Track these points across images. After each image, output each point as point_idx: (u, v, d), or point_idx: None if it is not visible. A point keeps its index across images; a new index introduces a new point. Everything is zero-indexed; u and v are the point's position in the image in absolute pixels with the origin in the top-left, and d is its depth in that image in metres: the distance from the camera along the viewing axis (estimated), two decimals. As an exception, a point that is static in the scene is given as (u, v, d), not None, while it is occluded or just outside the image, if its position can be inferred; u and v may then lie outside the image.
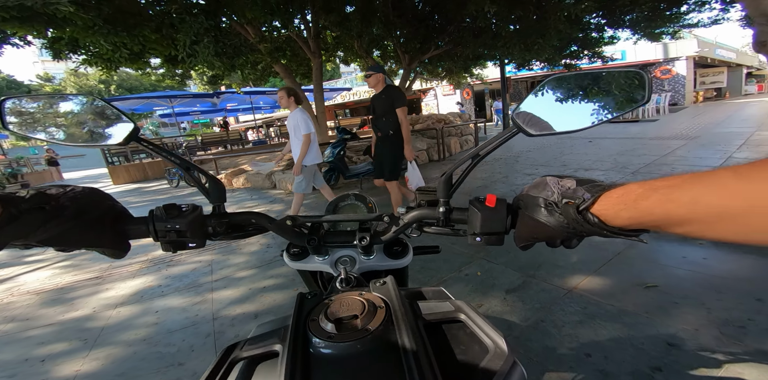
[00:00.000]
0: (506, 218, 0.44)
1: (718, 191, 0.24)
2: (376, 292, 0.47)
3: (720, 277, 1.82)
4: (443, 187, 0.50)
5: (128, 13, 3.59)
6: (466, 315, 0.44)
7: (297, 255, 0.62)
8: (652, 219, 0.29)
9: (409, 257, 0.63)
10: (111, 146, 0.48)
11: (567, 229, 0.36)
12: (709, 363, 1.25)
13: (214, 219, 0.51)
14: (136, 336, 1.91)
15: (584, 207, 0.34)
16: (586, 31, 7.45)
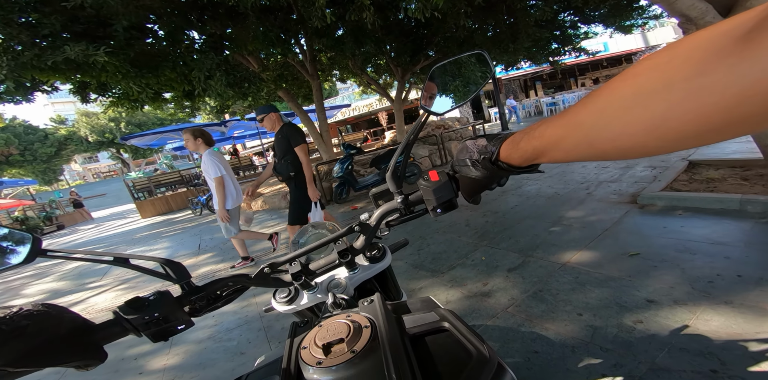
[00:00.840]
0: (451, 185, 0.49)
1: (552, 124, 0.31)
2: (364, 312, 0.48)
3: (694, 241, 1.98)
4: (392, 181, 0.53)
5: (148, 54, 3.84)
6: (451, 323, 0.45)
7: (288, 299, 0.60)
8: (529, 154, 0.35)
9: (389, 256, 0.66)
10: (13, 268, 0.39)
11: (491, 177, 0.43)
12: (682, 313, 1.42)
13: (189, 297, 0.48)
14: (203, 335, 2.21)
15: (494, 158, 0.41)
16: (562, 29, 7.62)
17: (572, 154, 0.30)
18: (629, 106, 0.22)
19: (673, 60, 0.20)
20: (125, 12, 2.86)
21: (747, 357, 1.10)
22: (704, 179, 2.97)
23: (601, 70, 16.97)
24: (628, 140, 0.23)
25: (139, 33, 3.29)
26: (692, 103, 0.18)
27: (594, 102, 0.26)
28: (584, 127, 0.26)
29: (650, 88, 0.20)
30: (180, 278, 0.49)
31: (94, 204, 18.31)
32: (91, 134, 22.71)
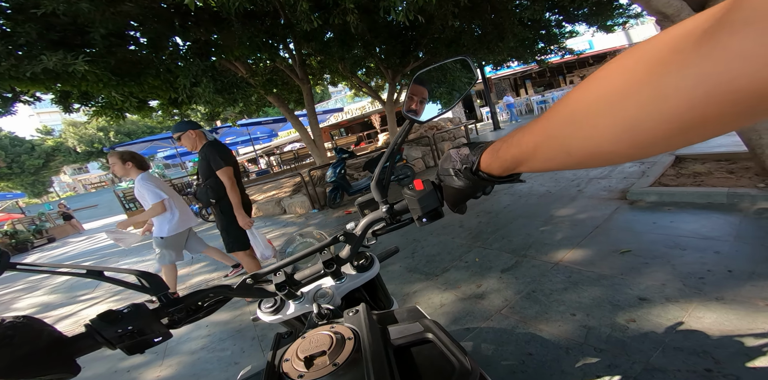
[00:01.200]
0: (436, 194, 0.48)
1: (528, 131, 0.30)
2: (348, 323, 0.47)
3: (684, 237, 1.98)
4: (377, 191, 0.53)
5: (130, 62, 3.73)
6: (435, 334, 0.44)
7: (274, 309, 0.59)
8: (508, 163, 0.34)
9: (377, 265, 0.65)
10: None
11: (474, 187, 0.42)
12: (675, 311, 1.41)
13: (166, 309, 0.48)
14: (196, 346, 2.16)
15: (475, 168, 0.40)
16: (547, 29, 7.71)
17: (551, 163, 0.29)
18: (599, 110, 0.21)
19: (640, 61, 0.19)
20: (102, 19, 2.78)
21: (741, 354, 1.08)
22: (691, 173, 2.99)
23: (588, 68, 17.20)
24: (602, 146, 0.22)
25: (119, 40, 3.21)
26: (661, 104, 0.18)
27: (565, 107, 0.25)
28: (558, 134, 0.26)
29: (618, 91, 0.20)
30: (156, 290, 0.48)
31: (85, 216, 17.98)
32: (79, 144, 22.28)
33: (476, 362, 0.41)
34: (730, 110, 0.16)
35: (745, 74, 0.14)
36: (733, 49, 0.14)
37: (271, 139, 19.09)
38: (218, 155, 2.24)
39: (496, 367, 1.37)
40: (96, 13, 2.71)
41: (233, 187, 2.26)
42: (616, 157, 0.23)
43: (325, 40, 5.79)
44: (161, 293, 0.49)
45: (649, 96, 0.18)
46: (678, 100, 0.17)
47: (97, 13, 2.73)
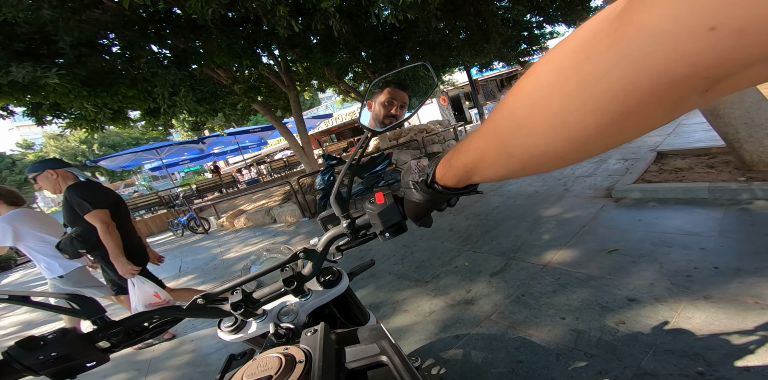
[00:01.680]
0: (398, 207, 0.46)
1: (476, 134, 0.28)
2: (304, 343, 0.45)
3: (669, 233, 1.97)
4: (337, 205, 0.50)
5: (102, 72, 3.56)
6: (390, 358, 0.43)
7: (234, 328, 0.57)
8: (461, 172, 0.32)
9: (345, 281, 0.62)
10: None
11: (433, 200, 0.39)
12: (664, 311, 1.38)
13: (101, 333, 0.45)
14: (181, 362, 2.08)
15: (429, 181, 0.38)
16: (528, 30, 7.84)
17: (497, 168, 0.27)
18: (533, 103, 0.21)
19: (564, 49, 0.19)
20: (67, 27, 2.67)
21: (732, 356, 1.05)
22: (673, 168, 3.02)
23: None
24: (541, 144, 0.22)
25: (88, 50, 3.09)
26: (585, 92, 0.17)
27: (504, 107, 0.24)
28: (501, 133, 0.25)
29: (547, 81, 0.19)
30: (90, 313, 0.46)
31: (71, 229, 17.40)
32: (62, 158, 21.59)
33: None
34: (648, 97, 0.15)
35: (656, 54, 0.13)
36: (644, 26, 0.13)
37: (261, 147, 18.86)
38: (83, 198, 1.89)
39: (486, 376, 1.32)
40: (60, 22, 2.59)
41: (107, 231, 1.91)
42: (556, 155, 0.22)
43: (310, 45, 5.76)
44: (96, 316, 0.46)
45: (573, 85, 0.17)
46: (598, 86, 0.16)
47: (62, 22, 2.61)
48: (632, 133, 0.18)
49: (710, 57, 0.12)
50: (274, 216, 5.78)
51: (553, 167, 0.24)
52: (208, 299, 0.52)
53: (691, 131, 4.01)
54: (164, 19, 3.73)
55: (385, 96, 0.58)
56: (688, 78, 0.13)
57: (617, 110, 0.16)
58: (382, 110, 0.58)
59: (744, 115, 2.42)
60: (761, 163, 2.44)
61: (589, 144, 0.20)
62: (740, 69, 0.13)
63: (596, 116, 0.17)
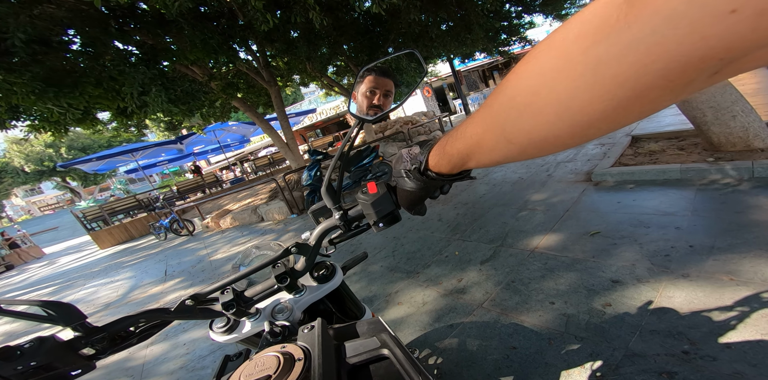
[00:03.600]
0: (391, 197, 0.44)
1: (472, 120, 0.28)
2: (302, 340, 0.44)
3: (647, 214, 2.02)
4: (328, 196, 0.48)
5: (63, 70, 3.30)
6: (391, 350, 0.41)
7: (227, 329, 0.54)
8: (456, 159, 0.32)
9: (339, 275, 0.60)
10: None
11: (426, 188, 0.39)
12: (647, 291, 1.41)
13: (84, 340, 0.43)
14: (175, 366, 2.00)
15: (423, 168, 0.37)
16: (508, 20, 7.80)
17: (494, 154, 0.27)
18: (536, 89, 0.20)
19: (569, 34, 0.18)
20: (17, 23, 2.41)
21: (713, 333, 1.08)
22: (647, 152, 3.11)
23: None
24: (542, 129, 0.21)
25: (45, 47, 2.81)
26: (593, 77, 0.17)
27: (503, 92, 0.23)
28: (499, 119, 0.24)
29: (551, 66, 0.19)
30: (69, 320, 0.43)
31: (46, 239, 16.46)
32: (27, 163, 19.87)
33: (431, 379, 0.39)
34: (659, 81, 0.15)
35: (673, 37, 0.13)
36: (659, 10, 0.13)
37: (244, 145, 18.25)
38: None
39: (482, 364, 1.32)
40: (9, 17, 2.33)
41: None
42: (557, 140, 0.22)
43: (289, 39, 5.51)
44: (75, 323, 0.43)
45: (580, 71, 0.17)
46: (608, 71, 0.16)
47: (11, 17, 2.35)
48: (636, 116, 0.18)
49: (729, 39, 0.12)
50: (261, 214, 5.63)
51: (552, 151, 0.23)
52: (197, 300, 0.49)
53: (662, 116, 4.12)
54: (127, 14, 3.42)
55: (366, 86, 0.55)
56: (702, 60, 0.13)
57: (625, 94, 0.16)
58: (365, 101, 0.55)
59: (710, 99, 2.49)
60: (728, 144, 2.53)
61: (591, 128, 0.19)
62: (755, 50, 0.13)
63: (603, 102, 0.17)
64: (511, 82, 0.22)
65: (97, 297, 4.14)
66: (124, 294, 3.93)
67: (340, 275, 0.61)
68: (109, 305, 3.69)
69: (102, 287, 4.59)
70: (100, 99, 3.57)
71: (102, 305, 3.74)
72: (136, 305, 3.41)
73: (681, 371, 0.98)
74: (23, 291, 5.98)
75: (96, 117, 4.12)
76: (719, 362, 0.97)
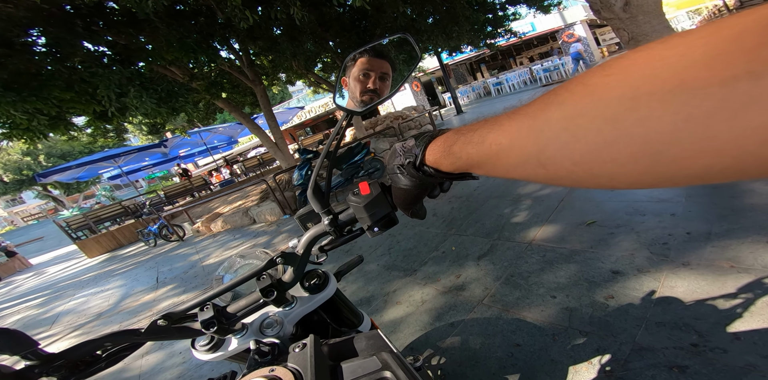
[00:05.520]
0: (386, 198, 0.40)
1: (497, 127, 0.24)
2: (293, 362, 0.40)
3: (642, 201, 2.00)
4: (316, 200, 0.44)
5: (27, 73, 3.08)
6: (394, 373, 0.38)
7: (210, 347, 0.50)
8: (462, 162, 0.28)
9: (333, 284, 0.56)
10: None
11: (422, 185, 0.34)
12: (648, 281, 1.37)
13: (38, 369, 0.39)
14: (171, 375, 1.93)
15: (418, 162, 0.32)
16: (493, 12, 7.73)
17: (515, 172, 0.23)
18: (616, 117, 0.15)
19: (705, 50, 0.12)
20: None
21: (720, 324, 1.05)
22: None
23: (533, 49, 17.77)
24: (603, 167, 0.17)
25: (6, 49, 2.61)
26: (723, 125, 0.12)
27: (558, 109, 0.18)
28: (540, 139, 0.19)
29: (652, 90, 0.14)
30: (17, 349, 0.39)
31: (32, 250, 15.90)
32: (5, 173, 18.90)
33: None
34: None
35: None
36: None
37: (232, 146, 17.85)
38: None
39: (486, 363, 1.28)
40: None
41: None
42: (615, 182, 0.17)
43: (273, 37, 5.34)
44: (25, 351, 0.39)
45: (709, 108, 0.12)
46: (751, 119, 0.11)
47: None
48: (750, 176, 0.13)
49: None
50: (253, 217, 5.50)
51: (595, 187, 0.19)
52: (171, 319, 0.44)
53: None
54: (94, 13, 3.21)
55: (359, 68, 0.48)
56: None
57: (756, 152, 0.11)
58: (359, 85, 0.48)
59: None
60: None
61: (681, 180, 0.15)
62: None
63: (722, 154, 0.12)
64: (577, 96, 0.17)
65: (88, 307, 4.00)
66: (115, 303, 3.80)
67: (334, 284, 0.57)
68: (101, 314, 3.57)
69: (92, 296, 4.44)
70: (72, 103, 3.36)
71: (94, 314, 3.62)
72: (128, 313, 3.30)
73: (692, 364, 0.95)
74: (11, 303, 5.76)
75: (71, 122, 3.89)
76: (730, 354, 0.94)
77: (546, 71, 12.37)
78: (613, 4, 2.50)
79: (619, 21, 2.60)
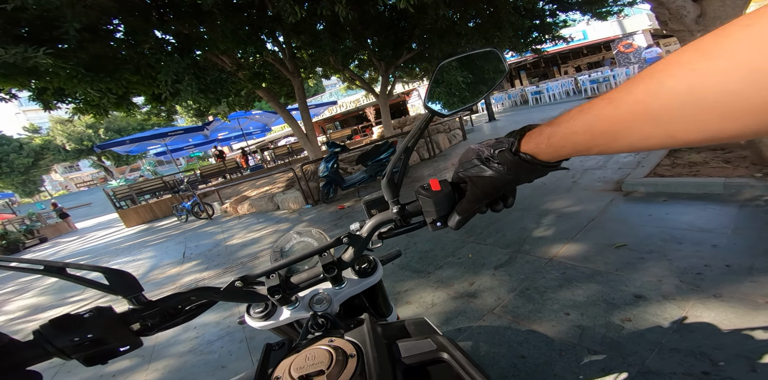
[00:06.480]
0: (454, 195, 0.43)
1: (600, 116, 0.27)
2: (350, 336, 0.43)
3: (680, 229, 1.92)
4: (388, 189, 0.47)
5: (105, 57, 3.53)
6: (450, 354, 0.40)
7: (264, 315, 0.54)
8: (567, 149, 0.32)
9: (380, 270, 0.60)
10: None
11: (508, 174, 0.37)
12: (672, 309, 1.35)
13: (138, 313, 0.41)
14: (184, 349, 2.10)
15: (515, 148, 0.35)
16: (542, 18, 7.53)
17: (638, 145, 0.25)
18: (736, 89, 0.17)
19: None
20: (73, 13, 2.62)
21: (739, 356, 1.03)
22: (686, 163, 2.93)
23: (582, 58, 16.98)
24: (730, 129, 0.19)
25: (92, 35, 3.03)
26: None
27: (679, 82, 0.20)
28: (662, 117, 0.21)
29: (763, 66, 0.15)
30: (127, 291, 0.41)
31: (79, 214, 17.68)
32: (69, 142, 21.57)
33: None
34: None
35: None
36: None
37: (265, 133, 18.81)
38: None
39: (488, 371, 1.31)
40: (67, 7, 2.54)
41: None
42: (737, 136, 0.19)
43: (315, 32, 5.59)
44: (132, 295, 0.42)
45: None
46: None
47: (68, 7, 2.56)
48: None
49: None
50: (278, 203, 5.80)
51: (721, 142, 0.21)
52: (245, 282, 0.49)
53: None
54: (168, 4, 3.61)
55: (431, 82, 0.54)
56: None
57: None
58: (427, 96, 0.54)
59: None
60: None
61: None
62: None
63: None
64: (700, 71, 0.19)
65: None
66: (144, 274, 4.16)
67: (381, 271, 0.60)
68: None
69: (125, 265, 4.88)
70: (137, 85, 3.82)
71: None
72: (154, 285, 3.60)
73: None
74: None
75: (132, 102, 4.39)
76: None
77: (594, 82, 11.69)
78: (685, 15, 2.31)
79: (688, 34, 2.40)
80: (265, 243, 3.98)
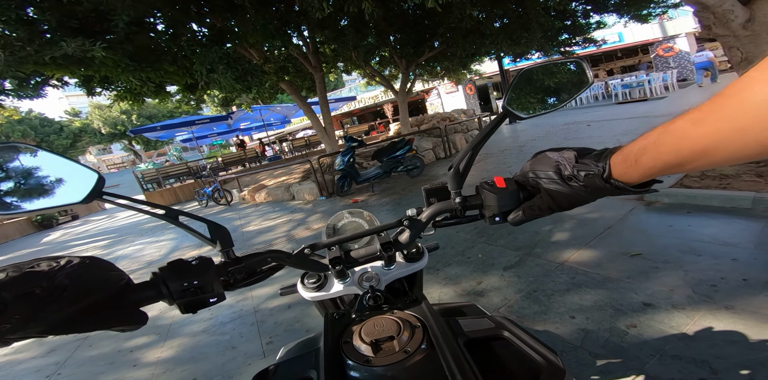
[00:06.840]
0: (519, 195, 0.45)
1: (687, 137, 0.27)
2: (409, 311, 0.45)
3: (701, 242, 1.88)
4: (453, 179, 0.49)
5: (147, 48, 3.82)
6: (510, 332, 0.41)
7: (317, 286, 0.57)
8: (655, 170, 0.32)
9: (426, 257, 0.62)
10: (70, 206, 0.41)
11: (590, 197, 0.38)
12: (679, 318, 1.35)
13: (227, 267, 0.44)
14: (198, 329, 2.23)
15: (607, 175, 0.35)
16: (573, 19, 7.30)
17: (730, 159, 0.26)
18: None
19: None
20: (123, 6, 2.85)
21: (739, 365, 1.03)
22: (717, 175, 2.82)
23: (616, 62, 16.29)
24: None
25: (138, 27, 3.28)
26: None
27: None
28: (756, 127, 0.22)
29: None
30: (223, 245, 0.45)
31: (107, 194, 18.73)
32: (104, 126, 23.28)
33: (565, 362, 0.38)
34: None
35: None
36: None
37: (284, 125, 19.31)
38: None
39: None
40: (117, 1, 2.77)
41: None
42: None
43: (339, 27, 5.69)
44: (226, 249, 0.45)
45: None
46: None
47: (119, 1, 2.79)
48: None
49: None
50: (293, 193, 5.98)
51: None
52: (312, 249, 0.51)
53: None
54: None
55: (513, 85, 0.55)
56: None
57: None
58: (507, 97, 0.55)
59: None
60: (820, 175, 2.23)
61: None
62: None
63: None
64: None
65: (142, 255, 4.61)
66: (165, 254, 4.41)
67: (426, 258, 0.61)
68: (151, 263, 4.11)
69: (148, 245, 5.18)
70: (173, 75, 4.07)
71: (145, 262, 4.17)
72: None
73: (697, 399, 0.96)
74: (84, 241, 6.94)
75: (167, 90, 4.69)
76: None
77: (626, 87, 11.16)
78: (732, 20, 2.21)
79: (734, 39, 2.30)
80: (279, 232, 4.14)
